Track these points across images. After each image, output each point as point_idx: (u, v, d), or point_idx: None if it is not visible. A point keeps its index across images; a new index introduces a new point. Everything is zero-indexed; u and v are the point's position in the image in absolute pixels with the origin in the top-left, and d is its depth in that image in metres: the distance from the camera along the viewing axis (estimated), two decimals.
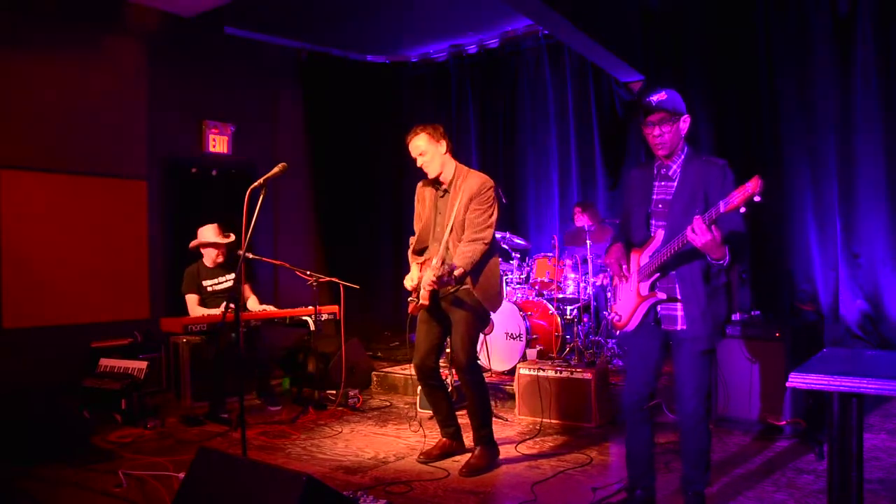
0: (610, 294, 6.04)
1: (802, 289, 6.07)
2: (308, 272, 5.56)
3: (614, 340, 6.13)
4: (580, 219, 6.45)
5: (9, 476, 3.94)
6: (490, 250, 3.91)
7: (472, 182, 3.89)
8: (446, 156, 3.96)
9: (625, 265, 3.20)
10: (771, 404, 4.45)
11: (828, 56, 5.93)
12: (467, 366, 3.93)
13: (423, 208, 4.11)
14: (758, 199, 2.57)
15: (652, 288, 3.09)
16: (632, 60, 6.75)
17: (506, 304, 5.75)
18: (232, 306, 4.00)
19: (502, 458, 4.09)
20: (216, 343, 5.25)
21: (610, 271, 3.33)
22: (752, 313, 4.86)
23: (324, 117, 8.32)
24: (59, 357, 5.89)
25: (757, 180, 2.56)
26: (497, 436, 4.17)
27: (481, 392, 4.02)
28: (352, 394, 5.64)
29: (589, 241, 6.00)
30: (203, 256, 5.66)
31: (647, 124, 3.05)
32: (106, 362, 5.35)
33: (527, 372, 5.08)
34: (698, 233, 2.75)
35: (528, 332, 5.81)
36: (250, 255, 5.66)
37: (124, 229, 6.64)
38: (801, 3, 6.05)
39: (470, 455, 4.00)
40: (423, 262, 4.01)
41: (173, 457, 4.23)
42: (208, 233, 5.64)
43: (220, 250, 5.63)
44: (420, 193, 4.15)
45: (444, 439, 4.21)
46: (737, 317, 4.71)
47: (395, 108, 8.85)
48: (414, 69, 8.92)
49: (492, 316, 4.27)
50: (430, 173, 3.96)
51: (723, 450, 4.18)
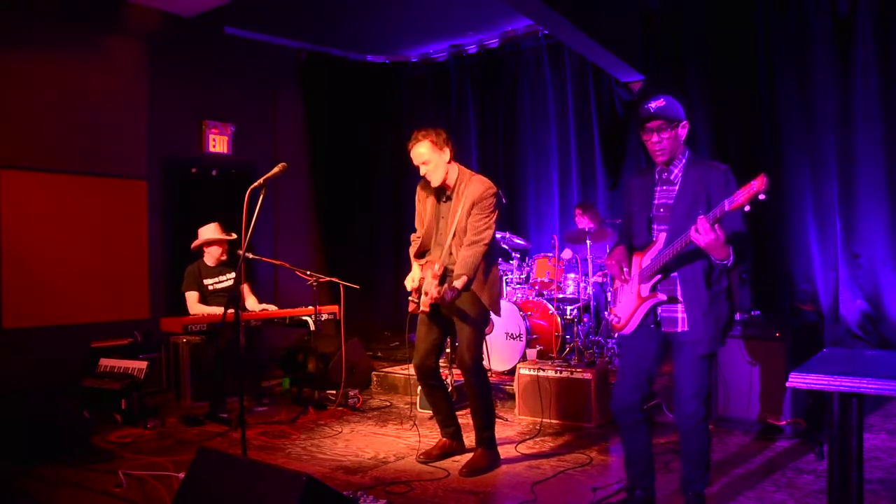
0: (610, 294, 6.05)
1: (802, 289, 6.06)
2: (308, 272, 5.56)
3: (614, 340, 6.14)
4: (581, 221, 6.44)
5: (9, 476, 3.94)
6: (491, 251, 3.91)
7: (475, 187, 3.86)
8: (450, 163, 3.92)
9: (626, 267, 3.20)
10: (771, 404, 4.45)
11: (828, 56, 5.92)
12: (472, 367, 3.92)
13: (425, 210, 4.08)
14: (763, 196, 2.55)
15: (653, 289, 3.08)
16: (632, 60, 6.75)
17: (506, 304, 5.75)
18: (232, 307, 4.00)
19: (502, 458, 4.09)
20: (216, 343, 5.25)
21: (610, 273, 3.33)
22: (753, 313, 4.86)
23: (324, 117, 8.32)
24: (59, 357, 5.89)
25: (763, 178, 2.54)
26: (497, 436, 4.17)
27: (485, 394, 4.02)
28: (352, 394, 5.64)
29: (589, 242, 6.00)
30: (204, 256, 5.67)
31: (646, 131, 3.05)
32: (106, 362, 5.35)
33: (527, 372, 5.09)
34: (702, 232, 2.73)
35: (528, 332, 5.81)
36: (250, 255, 5.67)
37: (124, 229, 6.64)
38: (801, 3, 6.04)
39: (470, 455, 4.00)
40: (425, 263, 4.00)
41: (173, 457, 4.23)
42: (210, 231, 5.66)
43: (223, 248, 5.65)
44: (420, 196, 4.11)
45: (444, 439, 4.21)
46: (737, 317, 4.72)
47: (395, 108, 8.85)
48: (414, 69, 8.92)
49: (492, 316, 4.27)
50: (433, 182, 3.92)
51: (723, 450, 4.18)
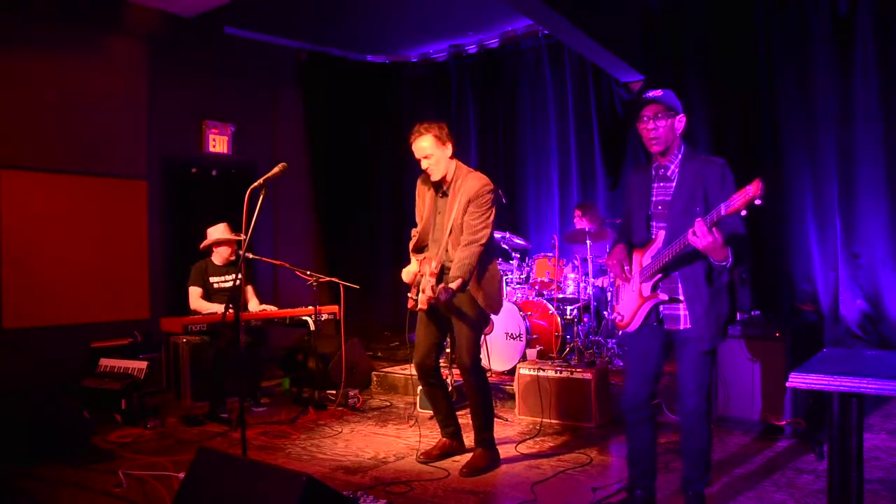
0: (610, 294, 6.05)
1: (802, 289, 6.06)
2: (308, 272, 5.56)
3: (614, 340, 6.14)
4: (580, 221, 6.43)
5: (9, 476, 3.94)
6: (488, 251, 3.89)
7: (471, 184, 3.84)
8: (451, 159, 3.91)
9: (626, 266, 3.20)
10: (771, 404, 4.45)
11: (828, 56, 5.92)
12: (471, 367, 3.92)
13: (424, 205, 4.07)
14: (759, 202, 2.57)
15: (654, 289, 3.09)
16: (632, 60, 6.75)
17: (506, 303, 5.74)
18: (232, 307, 4.00)
19: (502, 458, 4.09)
20: (216, 343, 5.25)
21: (612, 273, 3.33)
22: (753, 313, 4.86)
23: (324, 117, 8.31)
24: (59, 357, 5.89)
25: (758, 183, 2.56)
26: (497, 436, 4.17)
27: (485, 394, 4.02)
28: (352, 394, 5.64)
29: (589, 242, 5.99)
30: (212, 255, 5.68)
31: (642, 118, 3.06)
32: (106, 362, 5.35)
33: (527, 372, 5.08)
34: (700, 235, 2.75)
35: (528, 332, 5.81)
36: (250, 255, 5.67)
37: (124, 229, 6.64)
38: (801, 3, 6.04)
39: (470, 455, 4.00)
40: (423, 259, 4.00)
41: (173, 457, 4.23)
42: (220, 231, 5.67)
43: (231, 248, 5.67)
44: (420, 190, 4.11)
45: (444, 439, 4.21)
46: (737, 316, 4.72)
47: (394, 108, 8.84)
48: (414, 69, 8.92)
49: (492, 316, 4.26)
50: (434, 176, 3.91)
51: (723, 450, 4.18)
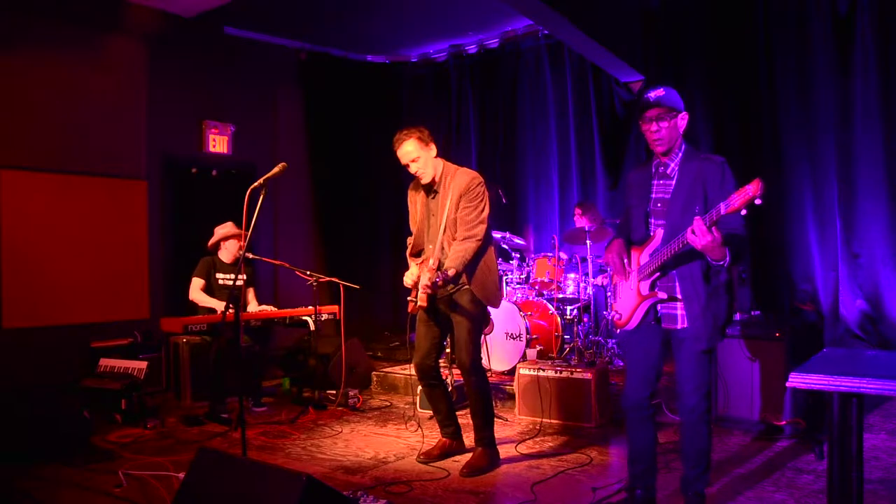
0: (610, 294, 6.04)
1: (802, 289, 6.07)
2: (308, 272, 5.56)
3: (614, 340, 6.13)
4: (580, 220, 6.44)
5: (9, 476, 3.94)
6: (484, 246, 3.89)
7: (461, 179, 3.87)
8: (436, 159, 3.95)
9: (626, 259, 3.20)
10: (771, 404, 4.45)
11: (828, 56, 5.92)
12: (471, 366, 3.93)
13: (416, 211, 4.11)
14: (758, 202, 2.56)
15: (652, 287, 3.09)
16: (632, 60, 6.75)
17: (506, 303, 5.75)
18: (232, 306, 3.99)
19: (502, 458, 4.09)
20: (216, 343, 5.25)
21: (611, 268, 3.33)
22: (752, 313, 4.87)
23: (324, 117, 8.31)
24: (59, 357, 5.89)
25: (758, 183, 2.55)
26: (497, 436, 4.17)
27: (485, 394, 4.02)
28: (352, 394, 5.63)
29: (589, 242, 6.00)
30: (220, 252, 5.67)
31: (645, 120, 3.06)
32: (106, 362, 5.35)
33: (527, 372, 5.08)
34: (698, 234, 2.74)
35: (528, 332, 5.81)
36: (250, 255, 5.66)
37: (124, 229, 6.64)
38: (801, 3, 6.04)
39: (470, 455, 4.00)
40: (421, 262, 4.01)
41: (173, 457, 4.23)
42: (227, 228, 5.65)
43: (240, 243, 5.64)
44: (412, 197, 4.15)
45: (444, 439, 4.21)
46: (737, 317, 4.71)
47: (395, 108, 8.84)
48: (414, 69, 8.92)
49: (492, 316, 4.27)
50: (424, 178, 3.94)
51: (723, 450, 4.18)
